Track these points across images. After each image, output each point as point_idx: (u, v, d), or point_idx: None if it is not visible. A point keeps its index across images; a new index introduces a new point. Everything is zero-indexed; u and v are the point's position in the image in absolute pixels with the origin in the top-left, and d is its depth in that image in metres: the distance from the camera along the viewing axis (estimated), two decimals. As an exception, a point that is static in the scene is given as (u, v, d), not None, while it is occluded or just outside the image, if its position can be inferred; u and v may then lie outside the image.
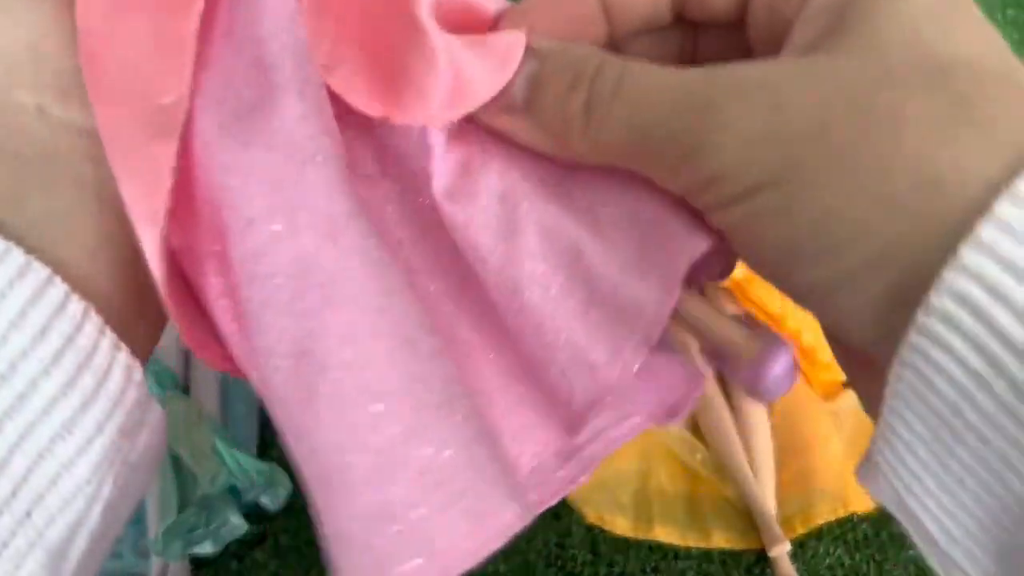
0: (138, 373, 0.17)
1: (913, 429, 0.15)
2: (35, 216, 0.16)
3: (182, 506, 0.40)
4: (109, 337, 0.16)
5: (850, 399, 0.47)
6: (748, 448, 0.45)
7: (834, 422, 0.46)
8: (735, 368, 0.17)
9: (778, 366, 0.16)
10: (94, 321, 0.16)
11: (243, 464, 0.41)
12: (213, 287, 0.17)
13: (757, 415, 0.45)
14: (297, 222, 0.15)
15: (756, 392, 0.16)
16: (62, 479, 0.15)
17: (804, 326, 0.45)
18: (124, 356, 0.16)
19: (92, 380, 0.15)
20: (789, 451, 0.45)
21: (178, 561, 0.41)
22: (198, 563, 0.42)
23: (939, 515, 0.16)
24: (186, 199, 0.16)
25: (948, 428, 0.15)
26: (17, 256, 0.15)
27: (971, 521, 0.15)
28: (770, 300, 0.45)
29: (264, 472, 0.42)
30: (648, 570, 0.44)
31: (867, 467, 0.18)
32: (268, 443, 0.45)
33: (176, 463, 0.41)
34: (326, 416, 0.15)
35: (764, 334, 0.17)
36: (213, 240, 0.16)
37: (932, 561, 0.17)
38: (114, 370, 0.16)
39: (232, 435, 0.43)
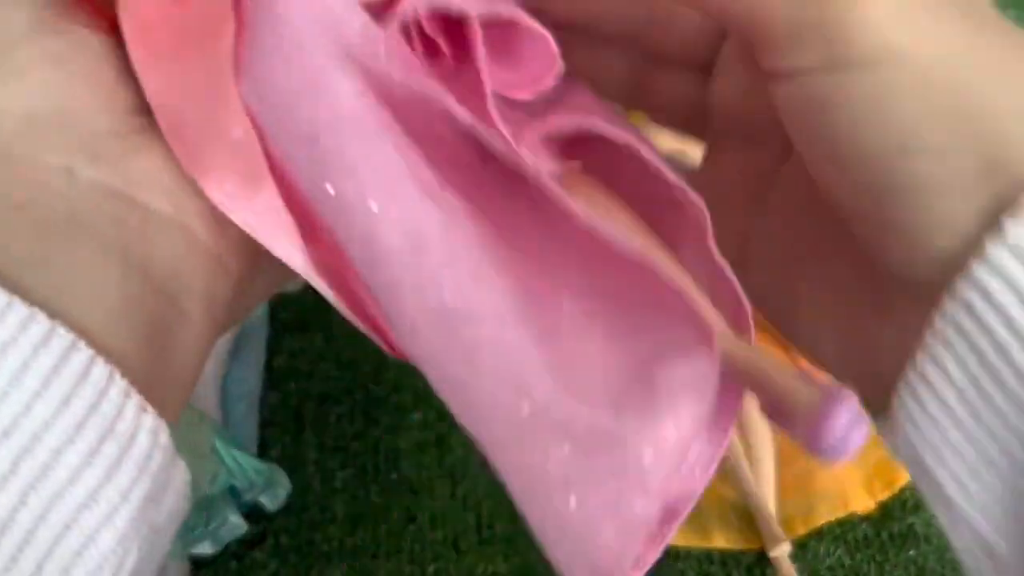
0: (164, 435, 0.16)
1: (948, 374, 0.15)
2: (59, 280, 0.16)
3: (182, 506, 0.40)
4: (135, 400, 0.16)
5: (850, 399, 0.47)
6: (748, 448, 0.45)
7: (834, 422, 0.46)
8: (791, 424, 0.16)
9: (841, 419, 0.14)
10: (119, 385, 0.15)
11: (242, 464, 0.41)
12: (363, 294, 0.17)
13: (757, 416, 0.45)
14: (393, 193, 0.15)
15: (818, 452, 0.15)
16: (87, 551, 0.15)
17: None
18: (150, 419, 0.16)
19: (116, 447, 0.15)
20: (790, 452, 0.45)
21: (178, 561, 0.41)
22: (198, 563, 0.42)
23: (959, 471, 0.15)
24: (307, 223, 0.17)
25: (989, 372, 0.14)
26: (42, 322, 0.15)
27: (994, 475, 0.15)
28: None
29: (263, 472, 0.42)
30: (648, 570, 0.44)
31: (886, 417, 0.17)
32: (268, 443, 0.45)
33: (176, 463, 0.41)
34: (485, 368, 0.15)
35: (824, 386, 0.15)
36: (333, 252, 0.16)
37: (943, 521, 0.16)
38: (139, 435, 0.16)
39: (232, 435, 0.43)
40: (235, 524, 0.41)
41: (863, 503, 0.44)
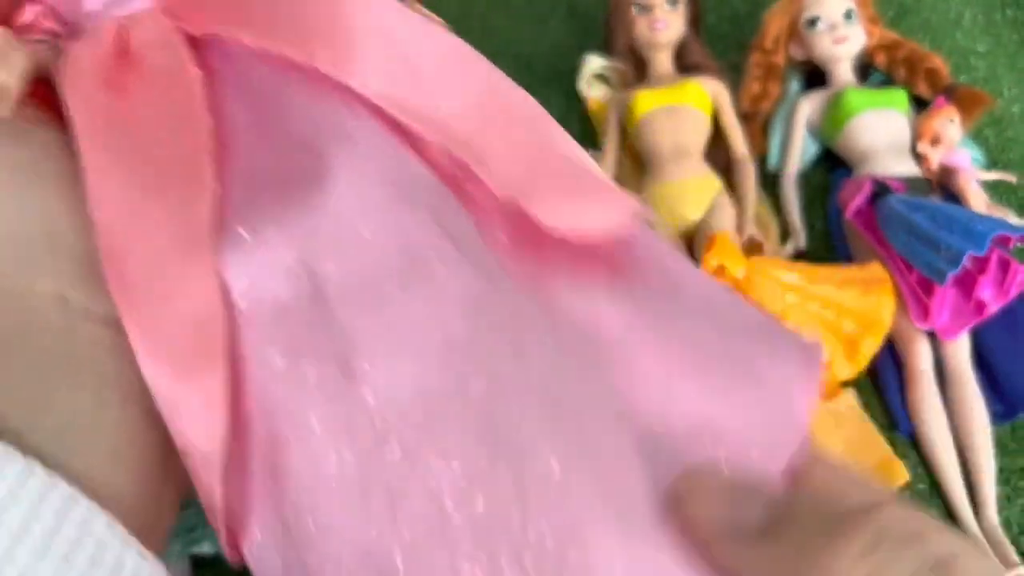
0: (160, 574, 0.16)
1: None
2: (59, 422, 0.15)
3: (182, 505, 0.40)
4: (134, 548, 0.16)
5: (850, 399, 0.47)
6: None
7: (835, 422, 0.46)
8: None
9: None
10: (118, 534, 0.15)
11: (243, 464, 0.41)
12: (258, 487, 0.16)
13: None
14: (344, 432, 0.15)
15: None
16: None
17: (803, 328, 0.45)
18: (148, 566, 0.16)
19: None
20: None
21: (178, 561, 0.41)
22: (198, 563, 0.42)
23: None
24: (236, 408, 0.16)
25: None
26: (40, 476, 0.14)
27: None
28: (771, 301, 0.45)
29: (264, 472, 0.42)
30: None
31: None
32: (268, 443, 0.45)
33: (176, 463, 0.41)
34: None
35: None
36: (265, 447, 0.16)
37: None
38: None
39: (232, 435, 0.43)
40: (235, 524, 0.41)
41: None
